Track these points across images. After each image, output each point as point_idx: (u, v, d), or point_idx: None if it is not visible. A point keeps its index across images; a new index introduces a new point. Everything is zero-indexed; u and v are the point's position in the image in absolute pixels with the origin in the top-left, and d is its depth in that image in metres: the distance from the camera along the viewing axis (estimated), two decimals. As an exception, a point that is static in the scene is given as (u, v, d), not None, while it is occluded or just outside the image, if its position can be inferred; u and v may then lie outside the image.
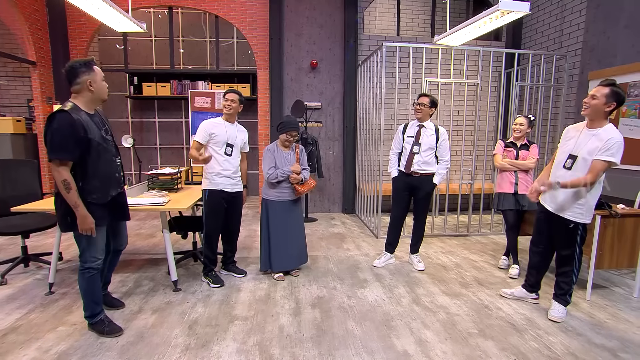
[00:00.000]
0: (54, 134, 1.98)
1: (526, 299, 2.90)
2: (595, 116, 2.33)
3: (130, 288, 3.04)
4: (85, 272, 2.25)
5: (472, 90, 5.53)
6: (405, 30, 6.94)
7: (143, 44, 6.83)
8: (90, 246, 2.22)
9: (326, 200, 6.04)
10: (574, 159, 2.40)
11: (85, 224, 2.10)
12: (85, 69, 2.09)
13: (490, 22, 3.15)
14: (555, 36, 5.18)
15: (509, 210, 3.38)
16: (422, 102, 3.36)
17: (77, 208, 2.07)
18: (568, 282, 2.57)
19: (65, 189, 2.02)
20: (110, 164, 2.26)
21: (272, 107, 5.62)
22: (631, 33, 4.04)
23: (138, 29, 3.48)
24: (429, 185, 3.39)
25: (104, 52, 6.75)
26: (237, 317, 2.60)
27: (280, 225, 3.21)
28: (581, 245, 2.51)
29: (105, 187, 2.22)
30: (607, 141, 2.26)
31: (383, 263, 3.68)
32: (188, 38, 6.93)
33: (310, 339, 2.34)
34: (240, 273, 3.32)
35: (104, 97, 2.22)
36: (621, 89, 2.28)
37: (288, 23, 5.58)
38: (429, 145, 3.35)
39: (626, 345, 2.31)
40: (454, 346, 2.27)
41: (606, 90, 2.27)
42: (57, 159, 2.00)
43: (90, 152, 2.10)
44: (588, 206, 2.42)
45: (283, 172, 3.12)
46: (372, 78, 4.91)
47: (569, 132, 2.54)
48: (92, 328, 2.36)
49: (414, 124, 3.47)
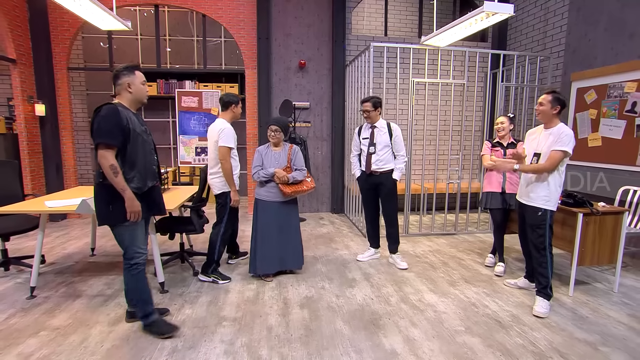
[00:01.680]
0: (101, 121, 2.09)
1: (529, 288, 3.08)
2: (547, 119, 2.71)
3: (116, 290, 2.99)
4: (132, 269, 2.27)
5: (459, 91, 5.59)
6: (393, 31, 6.98)
7: (129, 43, 6.72)
8: (134, 239, 2.26)
9: (315, 200, 6.04)
10: (538, 157, 2.74)
11: (134, 207, 2.16)
12: (127, 72, 2.22)
13: (476, 23, 3.20)
14: (539, 38, 5.28)
15: (496, 209, 3.44)
16: (364, 109, 3.50)
17: (125, 191, 2.13)
18: (544, 274, 2.72)
19: (113, 173, 2.09)
20: (149, 157, 2.33)
21: (260, 107, 5.59)
22: (610, 36, 4.15)
23: (123, 27, 3.43)
24: (390, 181, 3.50)
25: (88, 50, 6.62)
26: (225, 318, 2.58)
27: (268, 226, 3.18)
28: (550, 236, 2.70)
29: (143, 177, 2.27)
30: (560, 135, 2.61)
31: (367, 258, 3.78)
32: (175, 37, 6.85)
33: (298, 339, 2.33)
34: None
35: (143, 99, 2.31)
36: (561, 95, 2.68)
37: (276, 23, 5.56)
38: (384, 143, 3.48)
39: (606, 339, 2.37)
40: (441, 344, 2.30)
41: (550, 97, 2.66)
42: (103, 143, 2.08)
43: (132, 142, 2.18)
44: (553, 194, 2.67)
45: (266, 172, 3.11)
46: (360, 78, 4.93)
47: (530, 136, 2.89)
48: (148, 330, 2.35)
49: (367, 126, 3.58)
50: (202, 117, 5.78)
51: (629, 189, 3.64)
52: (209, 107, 5.76)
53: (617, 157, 4.00)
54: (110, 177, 2.09)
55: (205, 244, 4.22)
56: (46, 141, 5.28)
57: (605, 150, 4.15)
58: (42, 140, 5.27)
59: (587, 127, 4.37)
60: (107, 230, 4.79)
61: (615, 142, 4.04)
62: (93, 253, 3.87)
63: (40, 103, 5.09)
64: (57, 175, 5.39)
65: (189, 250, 3.79)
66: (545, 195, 2.67)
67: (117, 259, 3.73)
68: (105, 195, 2.16)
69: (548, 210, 2.68)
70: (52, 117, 5.28)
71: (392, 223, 3.61)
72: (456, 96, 5.55)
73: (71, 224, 5.22)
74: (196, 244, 4.24)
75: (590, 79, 4.34)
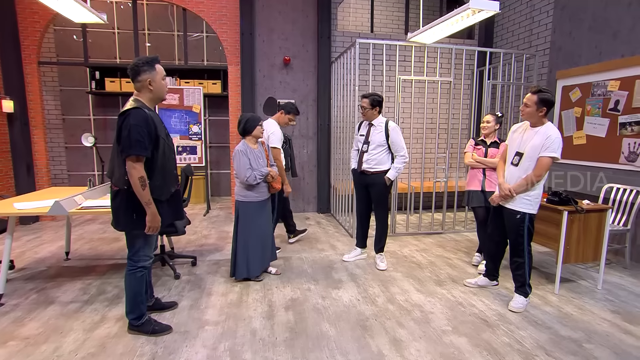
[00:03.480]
0: (132, 130, 2.02)
1: (488, 287, 3.19)
2: (532, 119, 2.67)
3: (92, 296, 2.92)
4: (137, 272, 2.30)
5: (446, 88, 5.66)
6: (380, 27, 7.03)
7: (105, 36, 6.57)
8: (147, 245, 2.30)
9: (300, 199, 6.03)
10: (520, 156, 2.71)
11: (155, 222, 2.17)
12: (147, 67, 2.14)
13: (462, 20, 3.25)
14: (525, 35, 5.40)
15: (478, 207, 3.51)
16: (361, 105, 3.48)
17: (149, 205, 2.12)
18: (522, 274, 2.79)
19: (142, 185, 2.07)
20: (172, 161, 2.33)
21: (243, 104, 5.55)
22: (594, 34, 4.27)
23: (98, 20, 3.35)
24: (381, 182, 3.46)
25: (61, 44, 6.43)
26: (207, 322, 2.55)
27: (262, 227, 3.20)
28: (529, 238, 2.75)
29: (167, 184, 2.27)
30: (547, 139, 2.56)
31: (353, 258, 3.80)
32: (154, 31, 6.73)
33: (283, 342, 2.33)
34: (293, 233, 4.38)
35: (163, 96, 2.27)
36: (549, 93, 2.58)
37: (260, 18, 5.52)
38: (378, 142, 3.43)
39: (590, 336, 2.44)
40: (428, 344, 2.32)
41: (535, 98, 2.58)
42: (134, 155, 2.04)
43: (159, 149, 2.16)
44: (535, 198, 2.69)
45: (261, 173, 3.09)
46: (345, 75, 4.94)
47: (514, 133, 2.85)
48: (138, 330, 2.37)
49: (366, 123, 3.57)
50: (184, 114, 5.69)
51: (613, 186, 3.76)
52: (191, 104, 5.68)
53: (601, 155, 4.12)
54: (138, 189, 2.07)
55: (187, 245, 4.18)
56: (15, 139, 5.11)
57: (589, 148, 4.27)
58: (11, 139, 5.11)
59: (572, 125, 4.49)
60: (82, 233, 4.73)
61: (599, 140, 4.16)
62: (68, 257, 3.77)
63: (8, 99, 4.93)
64: (27, 176, 5.23)
65: (169, 252, 3.73)
66: (527, 198, 2.69)
67: (93, 263, 3.65)
68: (129, 202, 2.14)
69: (527, 214, 2.70)
70: (22, 113, 5.12)
71: (382, 222, 3.61)
72: (443, 94, 5.62)
73: (44, 226, 5.08)
74: (177, 246, 4.18)
75: (575, 77, 4.46)
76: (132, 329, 2.39)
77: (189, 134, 5.68)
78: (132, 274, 2.29)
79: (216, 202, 6.95)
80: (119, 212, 2.17)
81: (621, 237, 3.84)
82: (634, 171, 3.75)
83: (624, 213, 3.67)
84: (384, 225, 3.62)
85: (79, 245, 4.24)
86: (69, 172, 6.69)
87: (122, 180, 2.11)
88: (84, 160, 6.71)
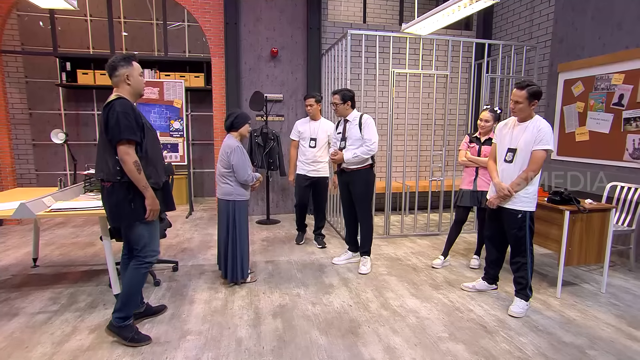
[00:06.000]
0: (119, 117, 2.15)
1: (487, 291, 3.22)
2: (524, 114, 2.75)
3: (63, 305, 2.87)
4: (143, 268, 2.40)
5: (442, 82, 5.71)
6: (373, 18, 7.05)
7: (76, 24, 6.45)
8: (152, 239, 2.42)
9: (290, 200, 6.01)
10: (513, 152, 2.79)
11: (155, 205, 2.30)
12: (124, 62, 2.29)
13: (459, 10, 3.28)
14: (526, 26, 5.47)
15: (462, 206, 3.64)
16: (332, 102, 3.58)
17: (146, 189, 2.25)
18: (524, 276, 2.83)
19: (137, 169, 2.19)
20: (160, 151, 2.49)
21: (228, 99, 5.51)
22: (597, 24, 4.34)
23: (67, 6, 3.30)
24: (361, 179, 3.53)
25: (26, 31, 6.29)
26: (189, 331, 2.53)
27: (247, 226, 3.30)
28: (531, 237, 2.81)
29: (159, 172, 2.41)
30: (539, 132, 2.66)
31: (343, 261, 3.84)
32: (132, 19, 6.65)
33: (270, 351, 2.32)
34: (320, 244, 4.36)
35: (141, 91, 2.41)
36: (535, 85, 2.69)
37: (245, 6, 5.49)
38: (355, 137, 3.51)
39: (594, 342, 2.48)
40: (424, 352, 2.33)
41: (525, 94, 2.67)
42: (126, 139, 2.16)
43: (146, 137, 2.29)
44: (533, 194, 2.77)
45: (256, 174, 3.24)
46: (337, 68, 4.94)
47: (502, 130, 2.93)
48: (118, 332, 2.38)
49: (342, 120, 3.65)
50: (164, 110, 5.63)
51: (617, 185, 3.82)
52: (172, 99, 5.63)
53: (604, 152, 4.19)
54: (134, 174, 2.18)
55: (168, 250, 4.13)
56: (-23, 136, 5.01)
57: (592, 145, 4.34)
58: (-27, 136, 5.00)
59: (575, 120, 4.56)
60: (52, 238, 4.65)
61: (602, 136, 4.22)
62: (35, 264, 3.70)
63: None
64: (-8, 176, 5.13)
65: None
66: (525, 196, 2.75)
67: (64, 270, 3.59)
68: (126, 193, 2.25)
69: (527, 212, 2.76)
70: (-15, 108, 5.02)
71: (366, 224, 3.64)
72: (439, 88, 5.67)
73: (8, 231, 4.98)
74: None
75: (578, 70, 4.52)
76: (112, 330, 2.39)
77: (169, 130, 5.63)
78: (136, 269, 2.39)
79: (199, 203, 6.89)
80: (116, 206, 2.27)
81: (626, 237, 3.90)
82: (638, 169, 3.83)
83: (628, 212, 3.73)
84: (368, 227, 3.64)
85: (48, 251, 4.17)
86: (37, 171, 6.57)
87: (115, 172, 2.21)
88: (54, 159, 6.59)
